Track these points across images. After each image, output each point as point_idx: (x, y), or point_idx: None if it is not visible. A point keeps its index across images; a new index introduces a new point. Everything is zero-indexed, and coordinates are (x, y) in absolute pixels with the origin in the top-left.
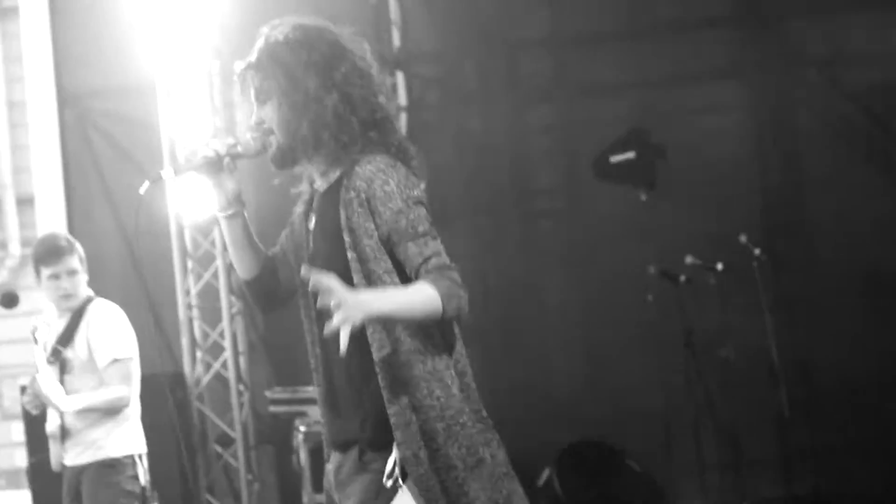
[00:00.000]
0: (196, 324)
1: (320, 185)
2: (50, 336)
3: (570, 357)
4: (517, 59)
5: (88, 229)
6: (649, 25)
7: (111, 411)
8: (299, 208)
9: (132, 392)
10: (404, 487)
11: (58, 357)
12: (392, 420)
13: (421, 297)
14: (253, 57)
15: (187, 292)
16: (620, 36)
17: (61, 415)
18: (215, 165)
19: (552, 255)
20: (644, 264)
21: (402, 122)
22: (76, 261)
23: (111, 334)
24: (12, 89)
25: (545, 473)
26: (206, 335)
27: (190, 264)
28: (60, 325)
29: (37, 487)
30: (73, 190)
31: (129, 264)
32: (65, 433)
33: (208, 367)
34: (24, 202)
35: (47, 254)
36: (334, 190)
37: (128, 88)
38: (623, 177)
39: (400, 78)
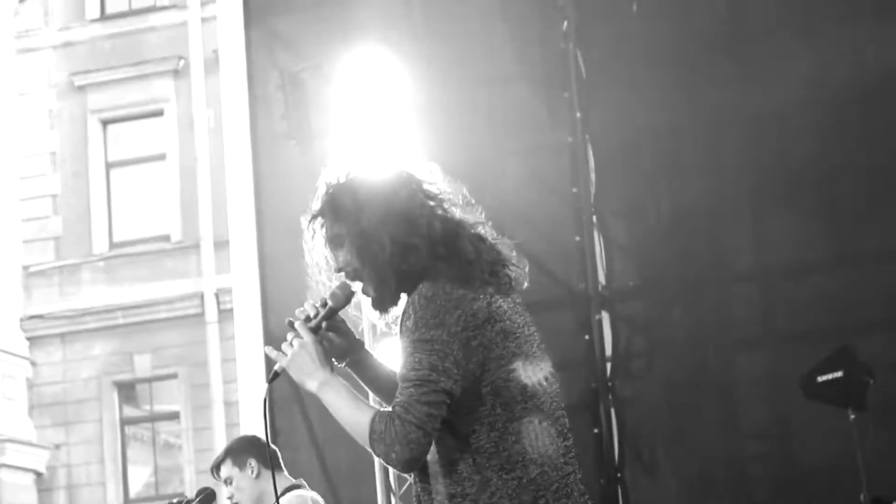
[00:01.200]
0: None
1: None
2: None
3: None
4: (726, 301)
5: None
6: (853, 257)
7: None
8: None
9: None
10: None
11: None
12: None
13: (353, 418)
14: (317, 206)
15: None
16: (825, 267)
17: None
18: (316, 331)
19: (761, 500)
20: (856, 493)
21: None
22: (227, 469)
23: None
24: (229, 389)
25: None
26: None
27: (394, 501)
28: None
29: None
30: (280, 433)
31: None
32: None
33: None
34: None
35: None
36: None
37: None
38: (831, 397)
39: (605, 318)
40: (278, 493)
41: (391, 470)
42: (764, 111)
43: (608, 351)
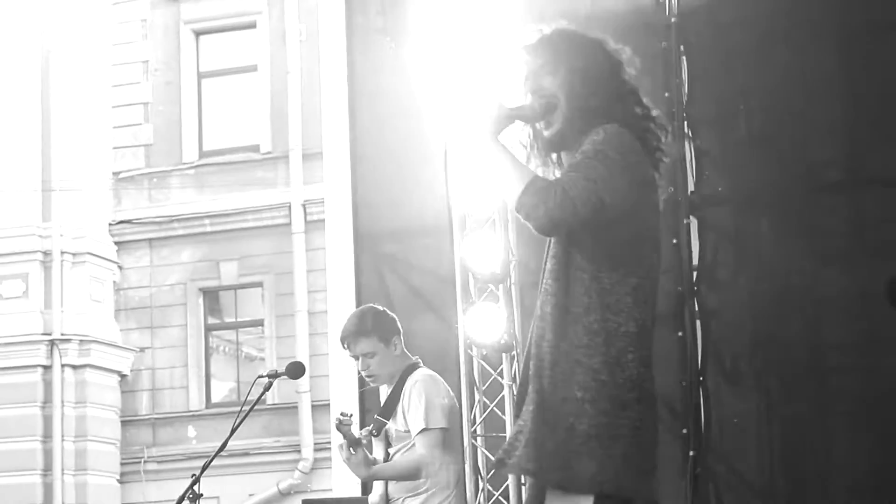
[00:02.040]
0: (479, 452)
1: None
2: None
3: (854, 498)
4: (813, 213)
5: None
6: None
7: (416, 478)
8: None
9: (441, 461)
10: None
11: (380, 429)
12: None
13: (519, 169)
14: (538, 38)
15: (473, 421)
16: None
17: (384, 484)
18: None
19: (842, 410)
20: None
21: (693, 275)
22: (370, 343)
23: (422, 404)
24: (314, 299)
25: None
26: (490, 464)
27: (477, 395)
28: (384, 396)
29: None
30: None
31: None
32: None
33: (490, 495)
34: (320, 408)
35: (342, 337)
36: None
37: (424, 229)
38: None
39: (694, 224)
40: (403, 372)
41: (475, 365)
42: (861, 27)
43: (695, 258)
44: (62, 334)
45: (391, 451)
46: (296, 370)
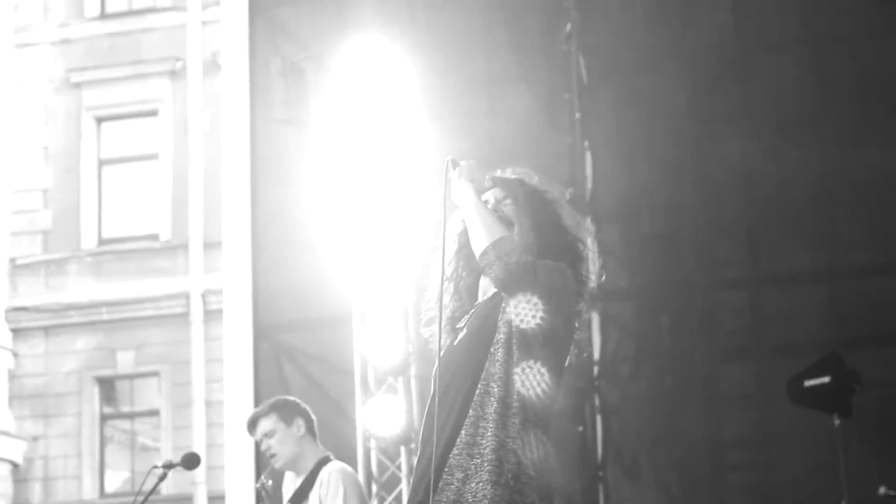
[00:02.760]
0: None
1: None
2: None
3: None
4: (714, 309)
5: None
6: (848, 270)
7: None
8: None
9: None
10: None
11: None
12: None
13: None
14: (500, 184)
15: None
16: (818, 277)
17: None
18: None
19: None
20: (837, 498)
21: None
22: (269, 422)
23: (341, 493)
24: (211, 389)
25: None
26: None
27: (374, 488)
28: (296, 483)
29: None
30: None
31: None
32: None
33: None
34: (216, 500)
35: (246, 426)
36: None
37: (324, 320)
38: (817, 402)
39: (595, 319)
40: (318, 462)
41: (373, 458)
42: (764, 121)
43: (596, 352)
44: None
45: None
46: (191, 461)
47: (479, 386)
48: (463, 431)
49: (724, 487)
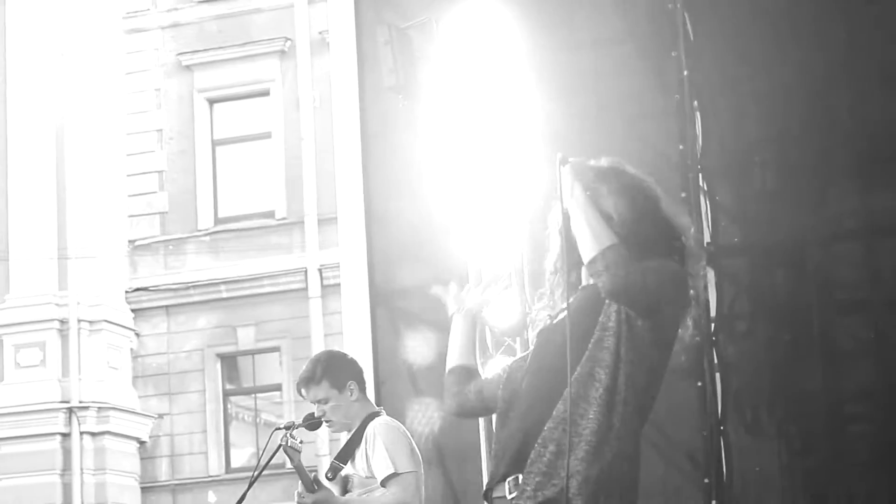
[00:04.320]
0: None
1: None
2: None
3: None
4: (829, 263)
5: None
6: None
7: None
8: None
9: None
10: None
11: (335, 473)
12: None
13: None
14: (602, 175)
15: None
16: None
17: None
18: None
19: (862, 459)
20: None
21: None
22: (322, 390)
23: (387, 449)
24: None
25: None
26: None
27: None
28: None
29: None
30: (382, 385)
31: (435, 454)
32: None
33: None
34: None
35: (297, 384)
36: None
37: (440, 284)
38: None
39: (711, 275)
40: (364, 419)
41: (494, 418)
42: (873, 74)
43: (713, 308)
44: (80, 402)
45: (349, 495)
46: (312, 422)
47: (581, 366)
48: (561, 406)
49: (844, 439)
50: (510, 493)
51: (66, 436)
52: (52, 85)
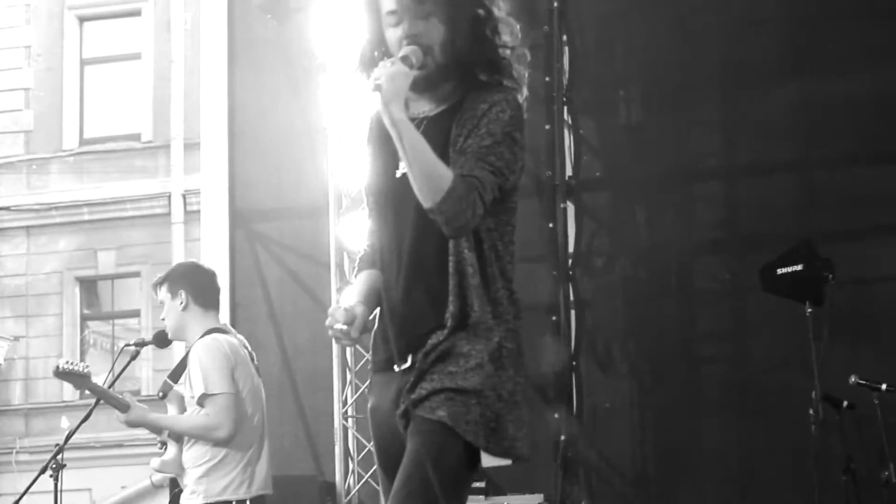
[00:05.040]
0: (350, 433)
1: (430, 109)
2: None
3: (724, 485)
4: (689, 201)
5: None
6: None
7: (206, 442)
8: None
9: (229, 428)
10: None
11: (166, 392)
12: None
13: (437, 165)
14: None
15: (344, 402)
16: (795, 164)
17: (178, 449)
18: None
19: (713, 398)
20: (808, 389)
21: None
22: (162, 292)
23: (200, 370)
24: None
25: None
26: (360, 446)
27: (349, 376)
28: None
29: None
30: (238, 306)
31: (287, 381)
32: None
33: (360, 477)
34: None
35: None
36: (449, 113)
37: (300, 210)
38: (789, 290)
39: (570, 209)
40: (202, 334)
41: (347, 348)
42: (741, 14)
43: (571, 244)
44: None
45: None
46: (162, 339)
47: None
48: None
49: (697, 379)
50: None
51: None
52: None
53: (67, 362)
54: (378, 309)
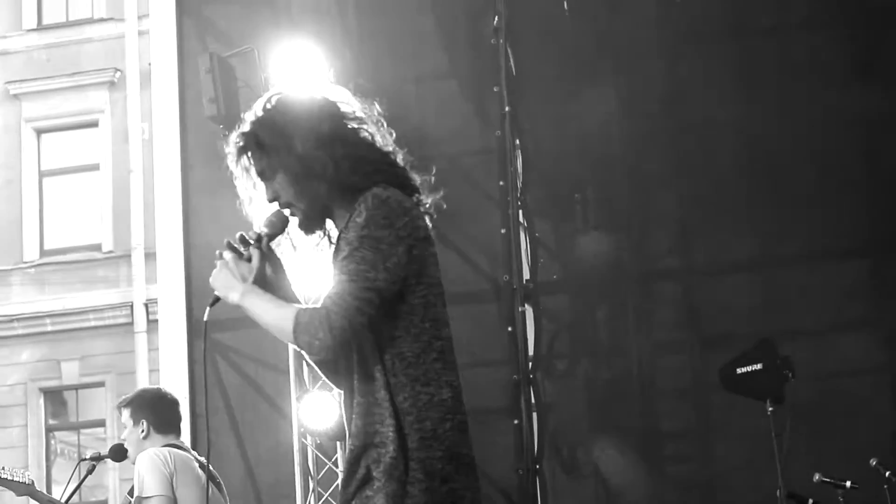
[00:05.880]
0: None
1: (341, 226)
2: None
3: None
4: (648, 302)
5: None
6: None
7: None
8: None
9: None
10: None
11: None
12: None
13: (278, 314)
14: (242, 141)
15: None
16: (752, 264)
17: None
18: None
19: (679, 498)
20: (772, 487)
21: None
22: (125, 416)
23: (141, 475)
24: None
25: None
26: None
27: (311, 484)
28: None
29: None
30: (199, 417)
31: (251, 490)
32: None
33: None
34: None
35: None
36: (345, 230)
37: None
38: (750, 389)
39: (529, 312)
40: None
41: (310, 454)
42: (694, 116)
43: (531, 346)
44: None
45: None
46: (118, 452)
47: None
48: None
49: (662, 480)
50: None
51: None
52: None
53: (2, 468)
54: None
